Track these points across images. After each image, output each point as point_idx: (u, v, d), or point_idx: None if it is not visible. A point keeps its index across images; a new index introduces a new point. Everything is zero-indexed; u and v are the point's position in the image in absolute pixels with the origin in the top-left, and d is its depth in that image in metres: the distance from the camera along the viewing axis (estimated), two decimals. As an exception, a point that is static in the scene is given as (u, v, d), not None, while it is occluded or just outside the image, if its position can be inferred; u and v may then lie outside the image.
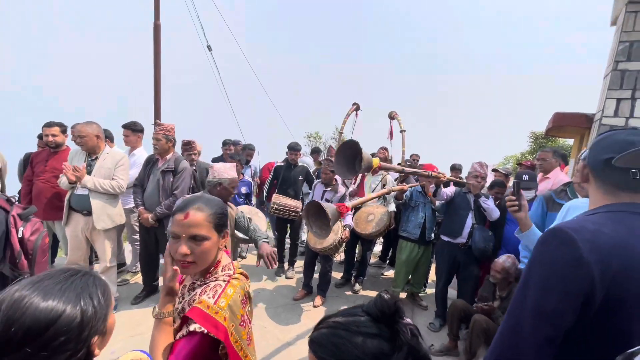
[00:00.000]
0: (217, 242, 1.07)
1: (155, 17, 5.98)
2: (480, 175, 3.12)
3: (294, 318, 3.29)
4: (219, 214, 1.08)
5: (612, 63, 3.19)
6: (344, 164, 1.91)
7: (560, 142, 10.93)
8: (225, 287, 1.04)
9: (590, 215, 0.88)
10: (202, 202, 1.07)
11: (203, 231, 1.02)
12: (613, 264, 0.74)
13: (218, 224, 1.07)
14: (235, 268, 1.16)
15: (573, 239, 0.77)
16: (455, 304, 2.89)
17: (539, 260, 0.83)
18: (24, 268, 1.93)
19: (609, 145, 0.90)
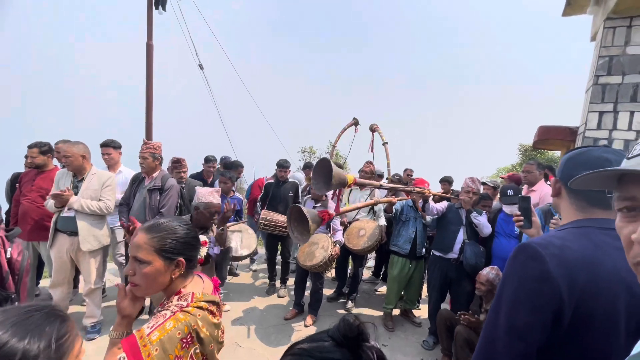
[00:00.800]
0: (162, 269, 1.00)
1: (148, 37, 6.08)
2: (472, 191, 3.13)
3: (284, 339, 3.21)
4: (165, 239, 1.01)
5: (593, 77, 3.27)
6: (321, 180, 1.98)
7: (549, 154, 11.06)
8: (166, 320, 0.92)
9: (558, 231, 0.88)
10: (155, 225, 1.04)
11: (141, 254, 0.99)
12: (580, 279, 0.74)
13: (161, 249, 1.00)
14: (197, 300, 1.02)
15: (540, 253, 0.77)
16: (441, 313, 2.90)
17: (509, 276, 0.84)
18: (11, 288, 1.89)
19: (585, 162, 0.91)
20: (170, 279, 1.02)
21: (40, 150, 3.06)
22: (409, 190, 3.08)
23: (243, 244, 3.52)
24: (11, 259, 1.74)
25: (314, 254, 3.21)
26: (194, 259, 1.09)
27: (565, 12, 3.81)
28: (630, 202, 0.53)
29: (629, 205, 0.53)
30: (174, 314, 0.94)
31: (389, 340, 3.32)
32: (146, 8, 5.98)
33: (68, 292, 3.04)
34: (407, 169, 5.69)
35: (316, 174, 2.00)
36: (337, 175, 1.92)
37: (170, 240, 1.02)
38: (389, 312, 3.61)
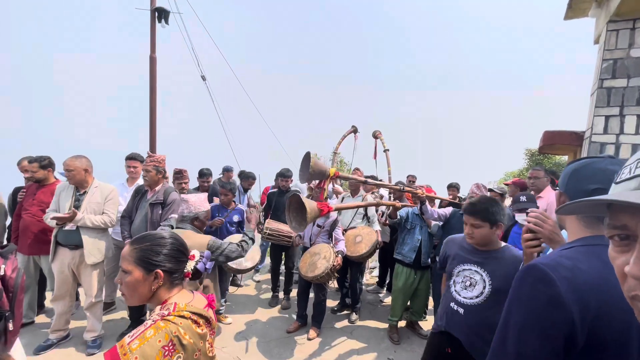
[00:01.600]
0: (141, 280, 1.03)
1: (151, 50, 6.18)
2: None
3: (286, 353, 3.14)
4: (145, 251, 1.06)
5: (598, 81, 3.22)
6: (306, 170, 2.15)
7: (556, 158, 10.88)
8: (147, 328, 0.92)
9: (566, 250, 0.82)
10: (140, 237, 1.11)
11: (124, 264, 1.05)
12: (592, 303, 0.69)
13: (140, 259, 1.04)
14: (180, 309, 1.00)
15: (549, 276, 0.72)
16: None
17: (517, 299, 0.79)
18: (5, 306, 1.87)
19: (592, 175, 0.87)
20: (149, 289, 1.04)
21: (41, 165, 3.08)
22: (398, 189, 3.04)
23: (247, 256, 3.47)
24: (4, 276, 1.72)
25: (315, 265, 3.16)
26: (177, 272, 1.10)
27: (567, 16, 3.78)
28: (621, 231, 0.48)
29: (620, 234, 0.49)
30: (154, 322, 0.94)
31: (395, 353, 3.23)
32: (149, 22, 6.11)
33: (70, 305, 3.02)
34: (409, 175, 5.63)
35: (302, 166, 2.20)
36: (316, 165, 2.12)
37: (151, 252, 1.05)
38: (395, 325, 3.51)
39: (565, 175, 0.95)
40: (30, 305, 3.30)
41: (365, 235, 3.59)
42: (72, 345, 3.00)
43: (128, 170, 3.72)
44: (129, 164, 3.69)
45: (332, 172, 2.27)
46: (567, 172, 0.95)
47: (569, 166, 0.96)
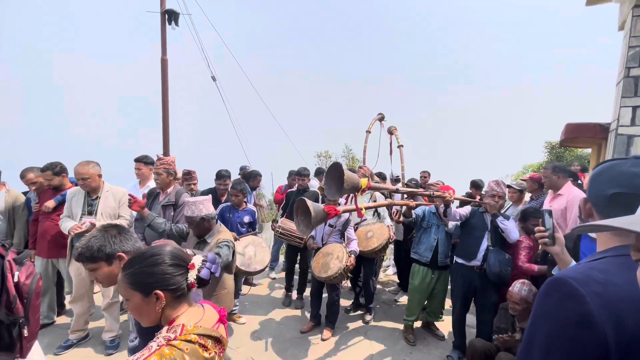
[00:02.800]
0: (142, 304, 1.00)
1: (162, 53, 6.23)
2: (498, 194, 2.95)
3: (301, 353, 3.12)
4: (136, 274, 1.01)
5: (624, 69, 3.04)
6: (334, 185, 1.95)
7: (578, 151, 10.45)
8: (151, 354, 0.88)
9: (596, 261, 0.74)
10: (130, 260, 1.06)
11: (121, 291, 1.04)
12: (629, 322, 0.61)
13: (135, 284, 1.01)
14: (187, 332, 0.95)
15: (579, 292, 0.64)
16: (475, 345, 2.57)
17: (542, 316, 0.71)
18: (19, 312, 1.91)
19: (613, 178, 0.81)
20: (155, 311, 1.00)
21: (54, 172, 3.11)
22: (429, 195, 2.93)
23: (256, 258, 3.45)
24: (19, 282, 1.74)
25: (328, 265, 3.12)
26: (178, 288, 1.04)
27: (589, 1, 3.58)
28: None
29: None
30: (159, 347, 0.90)
31: (410, 355, 3.16)
32: (160, 24, 6.17)
33: (88, 306, 3.09)
34: (422, 172, 5.50)
35: (328, 178, 1.97)
36: (350, 180, 1.87)
37: (143, 275, 1.01)
38: (410, 325, 3.45)
39: (589, 179, 0.89)
40: (50, 306, 3.38)
41: (376, 230, 3.55)
42: (91, 345, 3.07)
43: (136, 172, 3.77)
44: (135, 166, 3.74)
45: (363, 184, 2.01)
46: (590, 177, 0.89)
47: (593, 170, 0.90)
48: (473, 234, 3.03)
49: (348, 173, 1.87)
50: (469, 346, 2.66)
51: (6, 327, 1.76)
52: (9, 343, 1.69)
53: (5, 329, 1.72)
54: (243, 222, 3.74)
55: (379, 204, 2.83)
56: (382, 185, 2.95)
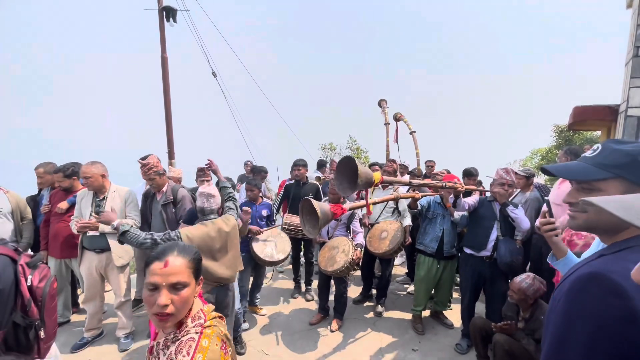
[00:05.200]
0: (194, 290, 1.05)
1: (162, 50, 6.21)
2: (507, 183, 2.88)
3: (310, 345, 3.16)
4: (197, 259, 1.09)
5: (633, 49, 2.95)
6: (345, 180, 1.85)
7: (587, 134, 10.22)
8: (199, 340, 0.97)
9: (624, 251, 0.70)
10: (180, 249, 1.07)
11: (184, 277, 1.01)
12: None
13: (197, 268, 1.07)
14: (207, 313, 1.08)
15: (622, 287, 0.61)
16: (475, 322, 2.72)
17: (579, 315, 0.67)
18: (34, 315, 1.96)
19: None
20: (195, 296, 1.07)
21: (65, 174, 3.16)
22: (441, 186, 2.89)
23: (278, 248, 3.52)
24: (32, 285, 1.78)
25: (335, 259, 3.13)
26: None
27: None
28: None
29: None
30: (200, 333, 0.99)
31: (419, 344, 3.19)
32: (158, 21, 6.13)
33: (101, 305, 3.16)
34: (427, 161, 5.45)
35: (339, 173, 1.88)
36: (364, 175, 1.78)
37: (199, 260, 1.10)
38: (419, 315, 3.47)
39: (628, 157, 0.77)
40: (65, 305, 3.47)
41: (391, 231, 3.44)
42: (106, 342, 3.15)
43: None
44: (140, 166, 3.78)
45: (376, 178, 1.92)
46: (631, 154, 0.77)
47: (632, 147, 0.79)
48: (482, 224, 2.99)
49: (362, 167, 1.78)
50: (471, 324, 2.78)
51: (22, 330, 1.81)
52: (26, 345, 1.74)
53: (21, 332, 1.77)
54: (262, 216, 3.78)
55: (386, 198, 2.80)
56: (395, 179, 2.89)
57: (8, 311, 1.69)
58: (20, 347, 1.73)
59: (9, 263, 1.91)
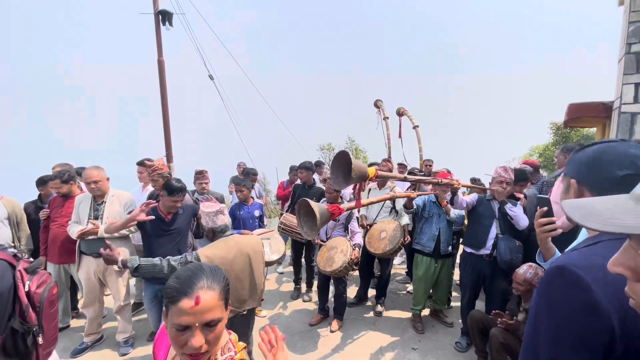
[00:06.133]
0: (225, 320, 0.92)
1: (159, 54, 6.22)
2: (505, 181, 2.89)
3: (310, 346, 3.17)
4: (227, 287, 0.93)
5: (625, 46, 2.97)
6: (340, 174, 1.88)
7: (583, 131, 10.26)
8: None
9: (594, 246, 0.73)
10: (208, 277, 0.89)
11: (218, 313, 0.86)
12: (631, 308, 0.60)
13: (227, 298, 0.93)
14: (235, 344, 0.98)
15: (582, 279, 0.64)
16: (472, 315, 2.75)
17: (547, 305, 0.71)
18: (33, 321, 1.96)
19: (615, 160, 0.81)
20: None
21: (62, 180, 3.15)
22: (437, 182, 2.89)
23: (272, 248, 3.53)
24: (29, 291, 1.79)
25: (333, 259, 3.14)
26: None
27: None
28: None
29: None
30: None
31: (419, 343, 3.20)
32: (154, 25, 6.14)
33: (100, 310, 3.16)
34: (425, 160, 5.46)
35: (334, 168, 1.90)
36: (357, 168, 1.79)
37: (228, 286, 0.95)
38: (418, 314, 3.48)
39: (580, 163, 0.88)
40: (65, 311, 3.47)
41: (389, 230, 3.46)
42: (106, 346, 3.15)
43: (139, 175, 3.83)
44: (137, 170, 3.81)
45: (371, 172, 1.93)
46: (583, 160, 0.88)
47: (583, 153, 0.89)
48: (481, 222, 3.00)
49: (355, 161, 1.80)
50: (469, 317, 2.81)
51: (21, 336, 1.81)
52: (24, 351, 1.73)
53: (20, 338, 1.77)
54: (254, 217, 3.79)
55: (382, 197, 2.81)
56: (390, 174, 2.89)
57: (6, 317, 1.69)
58: (18, 353, 1.73)
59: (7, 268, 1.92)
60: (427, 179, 3.07)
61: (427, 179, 3.07)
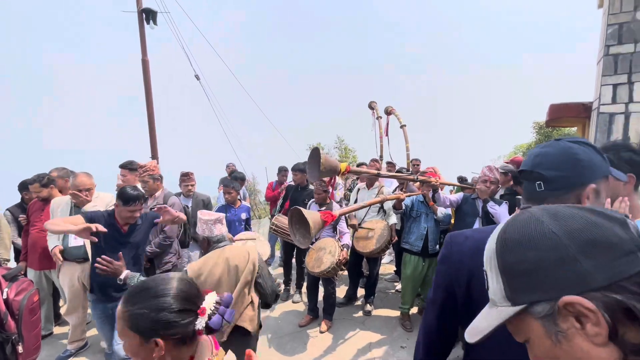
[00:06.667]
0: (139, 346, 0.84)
1: (143, 54, 6.09)
2: (490, 180, 2.97)
3: (299, 347, 3.17)
4: (136, 316, 0.84)
5: (604, 48, 3.06)
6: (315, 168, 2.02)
7: (565, 130, 10.54)
8: None
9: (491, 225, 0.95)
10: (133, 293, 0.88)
11: (118, 327, 0.87)
12: (469, 265, 0.81)
13: (134, 326, 0.84)
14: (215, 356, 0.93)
15: (448, 241, 0.90)
16: None
17: None
18: (12, 329, 1.90)
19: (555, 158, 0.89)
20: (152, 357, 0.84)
21: (41, 184, 3.06)
22: (412, 179, 2.95)
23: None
24: (8, 299, 1.73)
25: (321, 260, 3.15)
26: (183, 336, 0.88)
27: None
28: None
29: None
30: None
31: (407, 341, 3.23)
32: (137, 24, 6.01)
33: (84, 316, 3.08)
34: (413, 160, 5.52)
35: (311, 163, 2.07)
36: (326, 162, 1.98)
37: (144, 318, 0.84)
38: (406, 312, 3.52)
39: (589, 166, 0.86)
40: (48, 318, 3.37)
41: (377, 230, 3.49)
42: (91, 353, 3.08)
43: (122, 178, 3.68)
44: (121, 173, 3.64)
45: (342, 167, 2.10)
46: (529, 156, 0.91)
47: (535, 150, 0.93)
48: (465, 221, 3.06)
49: (325, 156, 1.99)
50: None
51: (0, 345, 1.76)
52: (3, 360, 1.69)
53: (-1, 347, 1.72)
54: (241, 220, 3.76)
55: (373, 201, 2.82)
56: (362, 169, 2.97)
57: (-17, 326, 1.64)
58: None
59: None
60: (402, 175, 3.12)
61: (402, 175, 3.12)
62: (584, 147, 0.75)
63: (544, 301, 0.44)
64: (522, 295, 0.46)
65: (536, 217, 0.47)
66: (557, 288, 0.43)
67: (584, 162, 0.73)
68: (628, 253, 0.41)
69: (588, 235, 0.42)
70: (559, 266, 0.43)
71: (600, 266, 0.41)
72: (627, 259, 0.41)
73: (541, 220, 0.46)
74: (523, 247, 0.46)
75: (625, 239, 0.42)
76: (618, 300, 0.39)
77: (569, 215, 0.45)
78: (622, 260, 0.41)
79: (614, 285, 0.40)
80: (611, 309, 0.40)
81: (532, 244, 0.45)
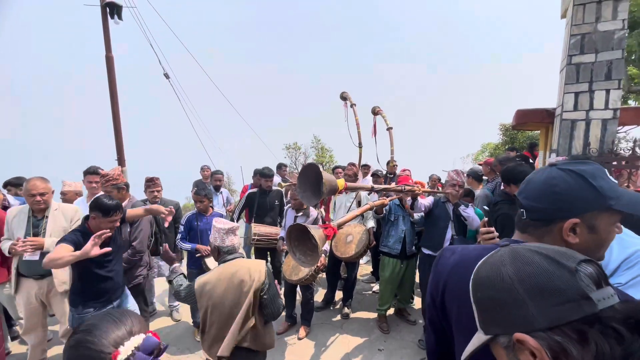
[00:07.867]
0: None
1: (107, 50, 5.74)
2: (458, 184, 3.03)
3: (277, 355, 3.11)
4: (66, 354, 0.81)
5: (566, 57, 3.20)
6: (309, 189, 1.74)
7: (529, 133, 11.09)
8: None
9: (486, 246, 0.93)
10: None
11: None
12: (445, 277, 0.88)
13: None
14: None
15: (441, 253, 0.96)
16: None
17: None
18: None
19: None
20: None
21: None
22: (401, 190, 2.96)
23: None
24: None
25: (299, 268, 3.10)
26: None
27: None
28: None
29: None
30: None
31: (385, 343, 3.27)
32: (101, 18, 5.65)
33: (44, 335, 2.86)
34: (391, 160, 5.59)
35: (301, 182, 1.75)
36: (328, 182, 1.67)
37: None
38: (383, 314, 3.55)
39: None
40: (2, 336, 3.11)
41: (356, 234, 3.48)
42: (52, 374, 2.87)
43: (89, 185, 3.40)
44: (89, 179, 3.35)
45: (340, 185, 1.83)
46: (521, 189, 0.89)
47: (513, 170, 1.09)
48: (437, 225, 3.12)
49: (326, 175, 1.69)
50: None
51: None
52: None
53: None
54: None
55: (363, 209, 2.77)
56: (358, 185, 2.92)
57: None
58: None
59: None
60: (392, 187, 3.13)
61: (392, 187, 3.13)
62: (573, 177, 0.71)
63: (503, 334, 0.52)
64: (489, 326, 0.55)
65: (501, 260, 0.54)
66: (511, 325, 0.50)
67: (561, 195, 0.71)
68: (570, 300, 0.46)
69: (537, 281, 0.49)
70: (511, 306, 0.50)
71: (543, 310, 0.47)
72: (570, 305, 0.46)
73: (504, 263, 0.53)
74: (485, 287, 0.55)
75: (570, 288, 0.47)
76: (558, 342, 0.45)
77: (527, 260, 0.52)
78: (564, 306, 0.46)
79: (555, 328, 0.46)
80: (554, 349, 0.46)
81: (492, 285, 0.53)
